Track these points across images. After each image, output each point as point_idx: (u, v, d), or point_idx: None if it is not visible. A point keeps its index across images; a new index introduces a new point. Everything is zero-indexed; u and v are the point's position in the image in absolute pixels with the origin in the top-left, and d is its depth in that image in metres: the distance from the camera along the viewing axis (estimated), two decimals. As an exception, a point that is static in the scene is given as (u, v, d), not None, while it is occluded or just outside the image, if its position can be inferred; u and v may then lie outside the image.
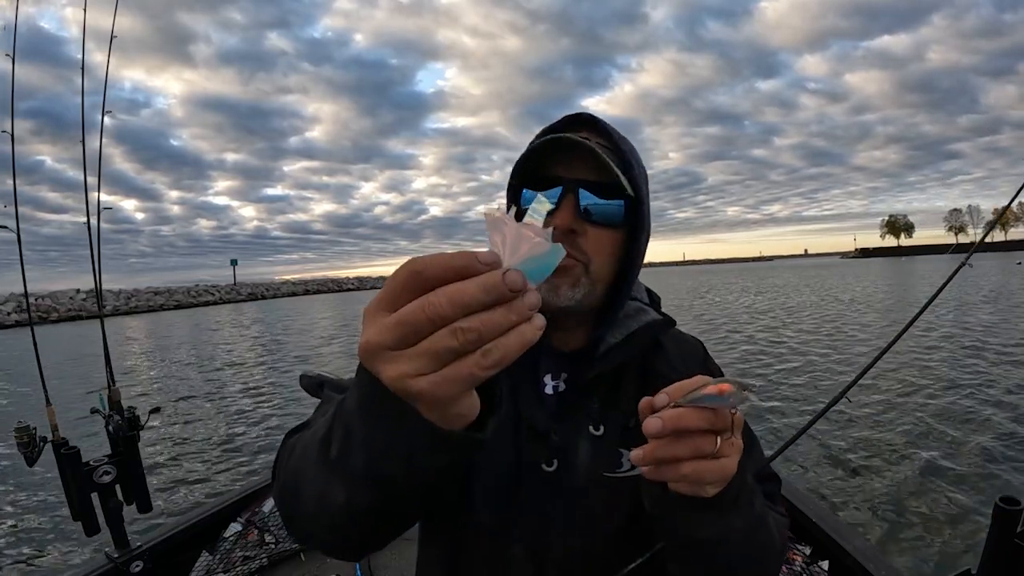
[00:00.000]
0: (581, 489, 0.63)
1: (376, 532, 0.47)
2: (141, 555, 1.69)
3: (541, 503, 0.63)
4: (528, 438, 0.64)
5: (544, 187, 0.64)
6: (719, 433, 0.44)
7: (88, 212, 2.04)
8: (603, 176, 0.62)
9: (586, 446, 0.64)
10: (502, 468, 0.63)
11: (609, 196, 0.63)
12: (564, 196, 0.62)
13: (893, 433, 5.32)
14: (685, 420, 0.43)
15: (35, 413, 1.82)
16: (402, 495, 0.40)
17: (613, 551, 0.63)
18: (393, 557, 1.98)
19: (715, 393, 0.42)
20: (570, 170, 0.63)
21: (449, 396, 0.32)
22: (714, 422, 0.44)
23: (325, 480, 0.42)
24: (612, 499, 0.63)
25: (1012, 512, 0.87)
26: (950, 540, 3.40)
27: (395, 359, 0.32)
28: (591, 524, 0.63)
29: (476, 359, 0.30)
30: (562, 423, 0.65)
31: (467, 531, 0.65)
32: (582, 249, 0.63)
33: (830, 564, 1.64)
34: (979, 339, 10.06)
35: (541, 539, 0.63)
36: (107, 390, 1.83)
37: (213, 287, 70.62)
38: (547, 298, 0.62)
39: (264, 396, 8.68)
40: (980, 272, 31.80)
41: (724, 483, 0.47)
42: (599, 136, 0.65)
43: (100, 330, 2.09)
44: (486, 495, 0.63)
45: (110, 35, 2.12)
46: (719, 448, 0.44)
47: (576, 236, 0.62)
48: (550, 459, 0.64)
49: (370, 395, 0.35)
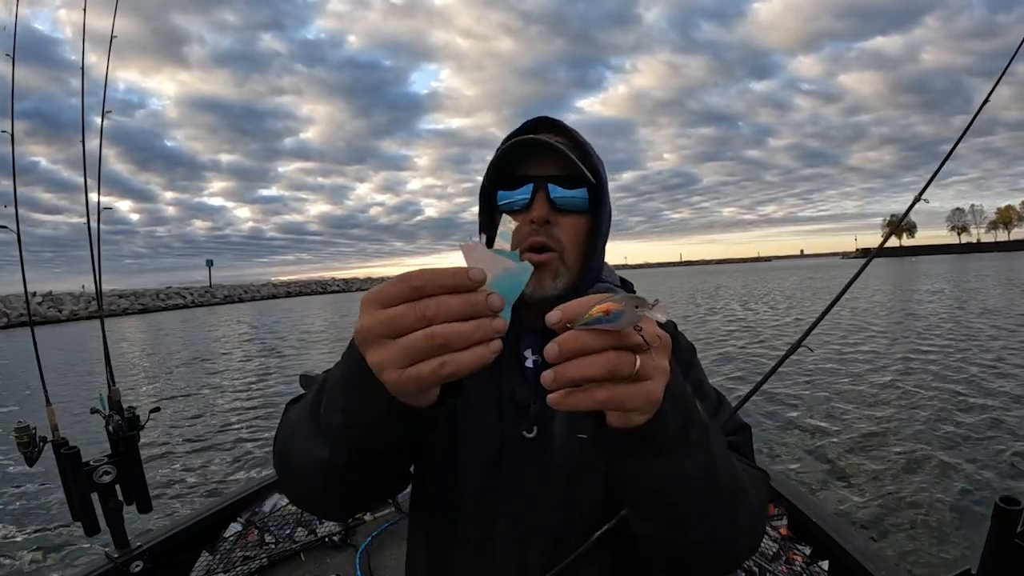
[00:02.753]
0: (560, 454, 0.67)
1: (356, 490, 0.54)
2: (141, 555, 1.69)
3: (524, 470, 0.68)
4: (510, 410, 0.70)
5: (516, 186, 0.71)
6: (635, 351, 0.39)
7: (88, 213, 2.04)
8: (567, 169, 0.69)
9: (563, 413, 0.68)
10: (486, 439, 0.69)
11: (574, 186, 0.70)
12: (536, 192, 0.70)
13: (893, 433, 5.32)
14: (582, 340, 0.38)
15: (34, 413, 1.82)
16: (374, 453, 0.48)
17: (595, 520, 0.65)
18: (393, 557, 1.99)
19: (602, 314, 0.37)
20: (538, 168, 0.70)
21: (409, 390, 0.40)
22: (620, 340, 0.38)
23: (311, 436, 0.50)
24: (591, 464, 0.67)
25: (1012, 512, 0.88)
26: (950, 540, 3.40)
27: (381, 346, 0.39)
28: (573, 490, 0.67)
29: (434, 367, 0.37)
30: (542, 394, 0.68)
31: (454, 509, 0.69)
32: (557, 238, 0.70)
33: (830, 564, 1.65)
34: (979, 340, 10.08)
35: (526, 510, 0.67)
36: (107, 390, 1.83)
37: (185, 289, 66.86)
38: (533, 292, 0.68)
39: (264, 395, 8.71)
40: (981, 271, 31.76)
41: (652, 409, 0.42)
42: (559, 135, 0.73)
43: (94, 331, 2.08)
44: (471, 465, 0.68)
45: (110, 36, 2.11)
46: (639, 368, 0.39)
47: (551, 226, 0.69)
48: (531, 427, 0.69)
49: (354, 371, 0.43)
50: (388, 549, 2.04)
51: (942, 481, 4.21)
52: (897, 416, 5.84)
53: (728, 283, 41.33)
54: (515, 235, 0.68)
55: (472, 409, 0.70)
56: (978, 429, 5.28)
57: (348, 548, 2.06)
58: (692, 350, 0.79)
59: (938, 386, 6.92)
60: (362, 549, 2.02)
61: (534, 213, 0.69)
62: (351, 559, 1.99)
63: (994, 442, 4.91)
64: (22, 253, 1.88)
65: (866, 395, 6.73)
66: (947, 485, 4.13)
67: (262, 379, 10.40)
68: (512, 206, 0.71)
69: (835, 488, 4.24)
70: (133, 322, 35.12)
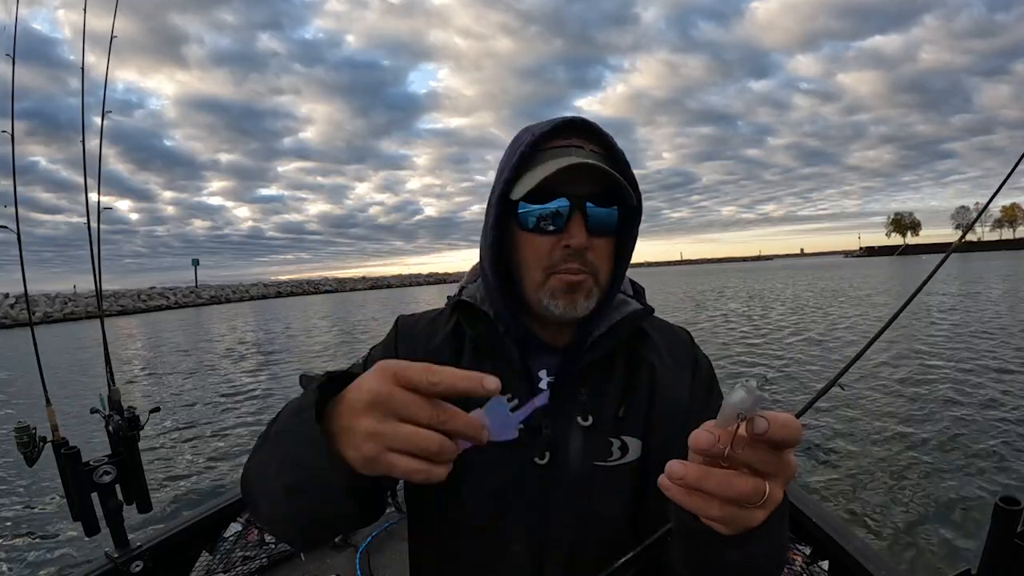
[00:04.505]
0: (574, 479, 0.65)
1: (321, 532, 0.54)
2: (141, 555, 1.69)
3: (537, 497, 0.64)
4: (520, 434, 0.66)
5: (544, 199, 0.63)
6: (766, 477, 0.37)
7: (88, 213, 2.04)
8: (602, 185, 0.63)
9: (577, 437, 0.66)
10: (494, 466, 0.65)
11: (608, 204, 0.65)
12: (572, 214, 0.62)
13: (893, 433, 5.32)
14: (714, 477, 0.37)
15: (34, 413, 1.82)
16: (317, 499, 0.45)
17: (611, 543, 0.63)
18: (393, 557, 1.99)
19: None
20: (573, 182, 0.62)
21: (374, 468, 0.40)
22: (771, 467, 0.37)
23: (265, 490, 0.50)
24: (607, 489, 0.65)
25: (1012, 512, 0.88)
26: (950, 540, 3.40)
27: (382, 420, 0.39)
28: (587, 515, 0.64)
29: (388, 463, 0.39)
30: (553, 417, 0.66)
31: (459, 533, 0.66)
32: (591, 262, 0.65)
33: (830, 564, 1.64)
34: (981, 340, 10.08)
35: (539, 534, 0.64)
36: (107, 390, 1.83)
37: (168, 290, 64.25)
38: (566, 312, 0.65)
39: (263, 395, 8.71)
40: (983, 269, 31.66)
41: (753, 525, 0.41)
42: (592, 142, 0.65)
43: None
44: (478, 494, 0.65)
45: (110, 36, 2.11)
46: (768, 495, 0.38)
47: (587, 251, 0.64)
48: (543, 452, 0.65)
49: (311, 412, 0.43)
50: (388, 549, 2.04)
51: (942, 481, 4.21)
52: (897, 416, 5.84)
53: (733, 283, 40.69)
54: (545, 260, 0.65)
55: None
56: (978, 429, 5.27)
57: (348, 548, 2.06)
58: (711, 367, 0.76)
59: (938, 386, 6.92)
60: (362, 549, 2.02)
61: (573, 240, 0.62)
62: (351, 559, 1.99)
63: (994, 442, 4.91)
64: (22, 253, 1.88)
65: (866, 394, 6.73)
66: (947, 485, 4.13)
67: (262, 379, 10.41)
68: (541, 224, 0.63)
69: (835, 488, 4.23)
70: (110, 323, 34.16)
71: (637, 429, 0.67)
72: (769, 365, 8.78)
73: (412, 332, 0.76)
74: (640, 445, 0.67)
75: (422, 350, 0.73)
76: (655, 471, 0.68)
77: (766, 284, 36.22)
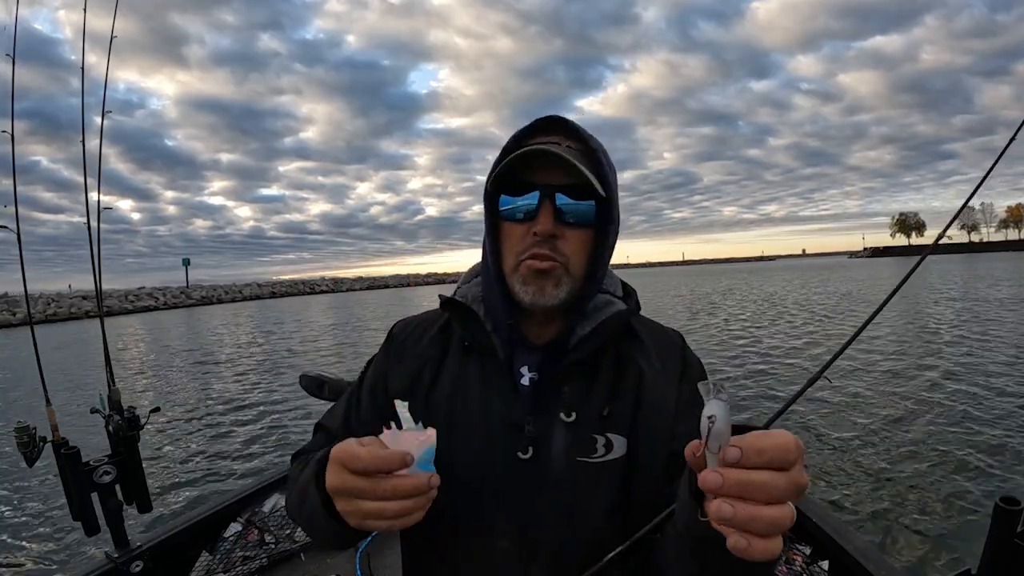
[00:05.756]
0: (558, 475, 0.66)
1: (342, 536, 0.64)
2: (141, 555, 1.69)
3: (521, 492, 0.66)
4: (504, 431, 0.67)
5: (521, 192, 0.67)
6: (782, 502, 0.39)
7: (88, 212, 2.04)
8: (576, 179, 0.65)
9: (560, 433, 0.67)
10: (478, 461, 0.67)
11: (582, 197, 0.66)
12: (542, 202, 0.66)
13: (893, 433, 5.32)
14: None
15: (33, 413, 1.82)
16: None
17: (597, 538, 0.64)
18: (393, 557, 1.99)
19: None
20: (545, 174, 0.66)
21: (359, 526, 0.54)
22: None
23: (299, 510, 0.66)
24: (591, 484, 0.65)
25: (1012, 512, 0.88)
26: (950, 540, 3.40)
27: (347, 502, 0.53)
28: (572, 510, 0.65)
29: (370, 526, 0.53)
30: (536, 413, 0.67)
31: (445, 527, 0.67)
32: (561, 251, 0.67)
33: (830, 564, 1.64)
34: (981, 340, 10.06)
35: (526, 530, 0.65)
36: (107, 390, 1.83)
37: (158, 290, 62.50)
38: (536, 299, 0.67)
39: (262, 395, 8.71)
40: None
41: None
42: (570, 139, 0.68)
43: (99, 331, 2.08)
44: (462, 488, 0.66)
45: (110, 36, 2.11)
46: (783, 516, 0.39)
47: (556, 239, 0.66)
48: (525, 447, 0.66)
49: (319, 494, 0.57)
50: (388, 549, 2.04)
51: (942, 481, 4.21)
52: (897, 416, 5.83)
53: (738, 285, 40.00)
54: (517, 246, 0.68)
55: (463, 429, 0.68)
56: (978, 428, 5.27)
57: (348, 548, 2.06)
58: (702, 368, 0.76)
59: (938, 386, 6.92)
60: (362, 549, 2.02)
61: (539, 226, 0.65)
62: (351, 559, 1.99)
63: (995, 442, 4.90)
64: (22, 253, 1.88)
65: (866, 394, 6.72)
66: (947, 485, 4.13)
67: (260, 378, 10.42)
68: (515, 214, 0.68)
69: (835, 488, 4.23)
70: (86, 326, 31.40)
71: (623, 427, 0.68)
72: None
73: (402, 340, 0.80)
74: (625, 443, 0.67)
75: (411, 355, 0.77)
76: (641, 469, 0.67)
77: (768, 284, 35.98)
